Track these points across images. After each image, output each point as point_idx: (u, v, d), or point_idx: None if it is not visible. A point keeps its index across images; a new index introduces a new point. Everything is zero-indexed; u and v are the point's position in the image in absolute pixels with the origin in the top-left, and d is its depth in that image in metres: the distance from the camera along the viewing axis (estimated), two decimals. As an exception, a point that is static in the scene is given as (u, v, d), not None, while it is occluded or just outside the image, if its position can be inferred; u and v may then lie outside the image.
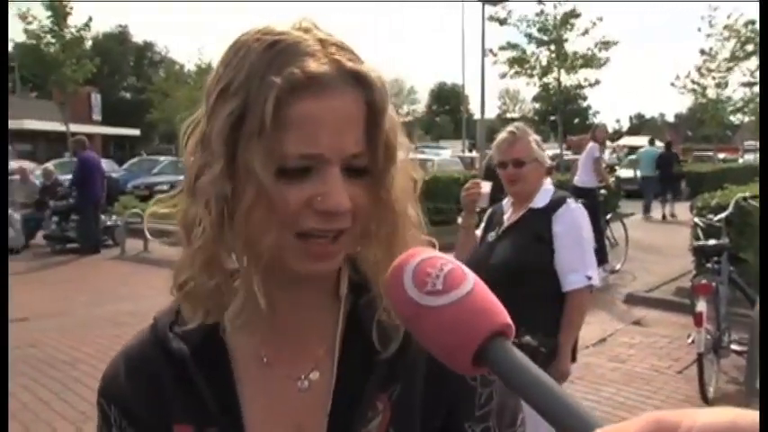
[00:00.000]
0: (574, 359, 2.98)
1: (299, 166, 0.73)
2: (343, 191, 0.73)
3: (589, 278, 2.88)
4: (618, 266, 9.73)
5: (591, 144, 9.92)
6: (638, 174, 17.75)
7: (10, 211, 12.06)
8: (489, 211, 3.18)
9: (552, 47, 20.15)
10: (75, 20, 15.85)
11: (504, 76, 20.72)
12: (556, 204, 2.94)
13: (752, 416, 0.36)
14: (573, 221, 2.91)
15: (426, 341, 0.57)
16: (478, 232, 3.15)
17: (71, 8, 15.46)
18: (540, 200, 2.96)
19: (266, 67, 0.71)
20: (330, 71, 0.73)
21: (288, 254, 0.76)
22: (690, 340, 5.30)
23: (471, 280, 0.57)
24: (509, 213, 3.05)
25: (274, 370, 0.84)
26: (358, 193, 0.76)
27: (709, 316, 5.14)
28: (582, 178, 9.68)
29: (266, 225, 0.74)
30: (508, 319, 0.56)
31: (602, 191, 9.85)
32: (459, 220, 3.14)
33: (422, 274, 0.57)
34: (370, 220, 0.79)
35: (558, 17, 19.98)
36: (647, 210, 17.03)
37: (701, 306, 5.01)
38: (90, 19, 15.94)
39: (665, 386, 5.46)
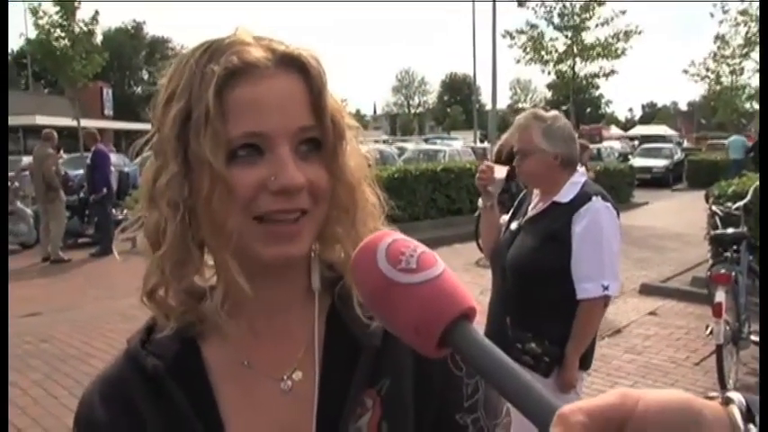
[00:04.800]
0: (586, 366, 2.77)
1: (249, 146, 0.75)
2: (294, 166, 0.75)
3: (605, 287, 2.61)
4: None
5: None
6: (730, 156, 21.55)
7: (21, 206, 12.07)
8: (521, 194, 3.02)
9: (570, 33, 19.83)
10: (84, 14, 15.91)
11: (518, 61, 20.43)
12: (580, 201, 2.66)
13: (701, 400, 0.43)
14: (594, 222, 2.62)
15: (391, 318, 0.57)
16: (506, 216, 2.99)
17: (79, 2, 15.46)
18: (567, 193, 2.70)
19: (206, 63, 0.75)
20: (266, 57, 0.76)
21: (251, 241, 0.77)
22: (708, 331, 5.20)
23: (441, 264, 0.59)
24: (535, 202, 2.84)
25: (256, 373, 0.83)
26: (314, 173, 0.77)
27: (728, 306, 5.03)
28: None
29: (227, 209, 0.75)
30: (473, 303, 0.57)
31: None
32: (480, 202, 3.02)
33: (395, 252, 0.58)
34: (330, 201, 0.80)
35: (579, 4, 19.66)
36: None
37: (720, 296, 4.90)
38: (96, 13, 15.95)
39: (683, 378, 5.36)
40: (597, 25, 19.80)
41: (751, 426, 0.43)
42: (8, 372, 5.07)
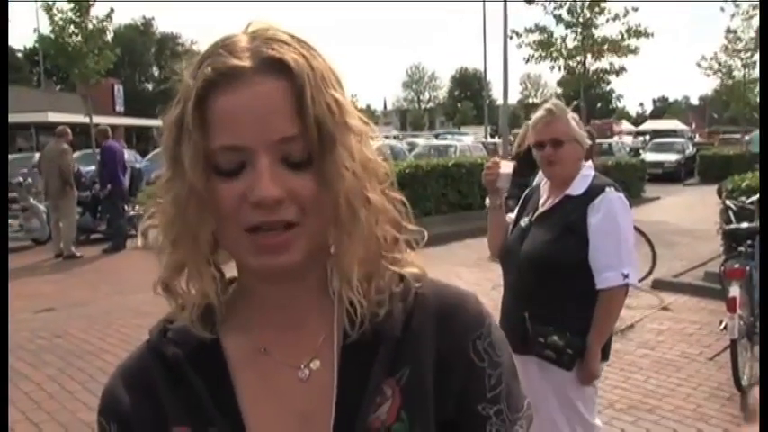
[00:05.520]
0: (606, 357, 2.77)
1: (230, 161, 0.75)
2: (269, 179, 0.73)
3: (625, 276, 2.62)
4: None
5: None
6: (752, 150, 21.12)
7: (34, 202, 12.13)
8: (525, 192, 3.01)
9: (580, 29, 19.60)
10: (97, 11, 15.89)
11: (528, 60, 20.22)
12: (593, 192, 2.69)
13: None
14: (610, 212, 2.65)
15: None
16: (512, 215, 2.98)
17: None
18: (579, 186, 2.73)
19: (193, 73, 0.76)
20: (245, 64, 0.74)
21: (242, 251, 0.78)
22: (722, 326, 5.16)
23: None
24: (544, 198, 2.83)
25: (273, 360, 0.83)
26: (302, 184, 0.75)
27: (742, 301, 5.00)
28: None
29: (199, 221, 0.77)
30: None
31: None
32: (487, 201, 3.01)
33: None
34: (324, 212, 0.78)
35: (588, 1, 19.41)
36: None
37: (734, 291, 4.88)
38: (111, 10, 15.97)
39: (697, 373, 5.34)
40: (608, 20, 19.55)
41: None
42: (8, 372, 5.12)
